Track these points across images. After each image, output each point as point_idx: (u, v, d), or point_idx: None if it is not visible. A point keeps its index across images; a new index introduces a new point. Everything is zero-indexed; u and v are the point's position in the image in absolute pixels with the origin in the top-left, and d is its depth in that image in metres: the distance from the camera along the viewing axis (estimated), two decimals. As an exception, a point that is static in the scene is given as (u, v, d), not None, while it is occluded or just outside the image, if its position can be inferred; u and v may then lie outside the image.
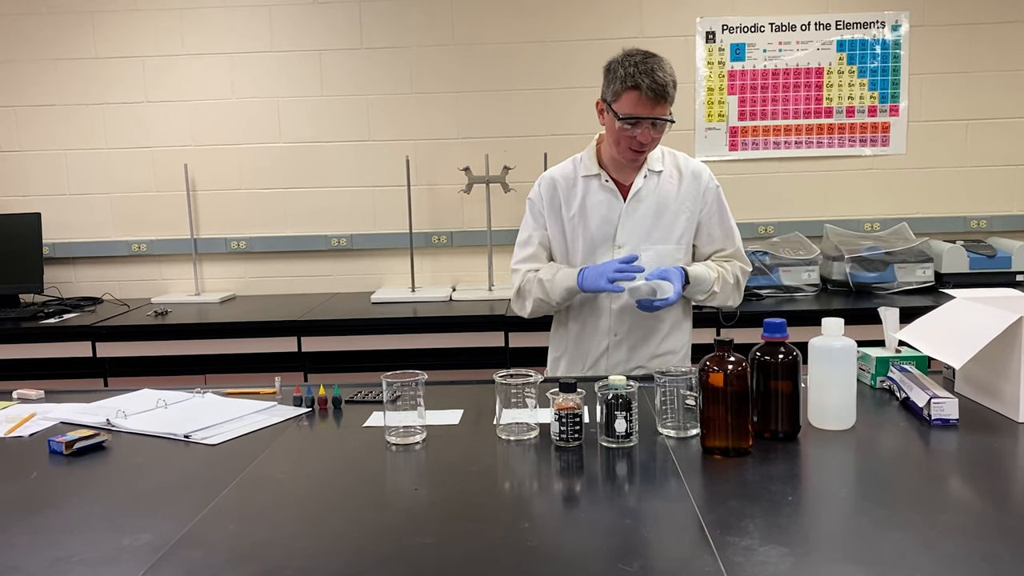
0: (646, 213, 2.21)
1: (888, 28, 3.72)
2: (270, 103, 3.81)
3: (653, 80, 2.01)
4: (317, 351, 3.26)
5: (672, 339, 2.28)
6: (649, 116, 2.05)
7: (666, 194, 2.22)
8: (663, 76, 2.02)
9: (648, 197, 2.21)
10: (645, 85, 2.01)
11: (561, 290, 2.18)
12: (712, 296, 2.21)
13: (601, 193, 2.22)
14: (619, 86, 2.05)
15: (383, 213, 3.86)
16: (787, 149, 3.79)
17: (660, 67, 2.03)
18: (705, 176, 2.26)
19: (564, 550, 1.21)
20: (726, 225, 2.28)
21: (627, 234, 2.21)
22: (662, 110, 2.05)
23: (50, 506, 1.40)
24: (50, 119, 3.83)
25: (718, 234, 2.27)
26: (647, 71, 2.01)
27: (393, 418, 1.68)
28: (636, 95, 2.03)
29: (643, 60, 2.03)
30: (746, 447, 1.53)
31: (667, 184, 2.22)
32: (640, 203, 2.21)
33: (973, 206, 3.82)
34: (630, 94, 2.04)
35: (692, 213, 2.24)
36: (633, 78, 2.02)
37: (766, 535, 1.19)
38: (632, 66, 2.02)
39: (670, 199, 2.22)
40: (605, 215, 2.21)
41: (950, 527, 1.22)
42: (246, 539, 1.25)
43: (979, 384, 1.80)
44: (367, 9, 3.76)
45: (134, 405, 1.95)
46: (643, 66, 2.02)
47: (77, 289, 3.90)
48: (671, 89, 2.04)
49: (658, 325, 2.25)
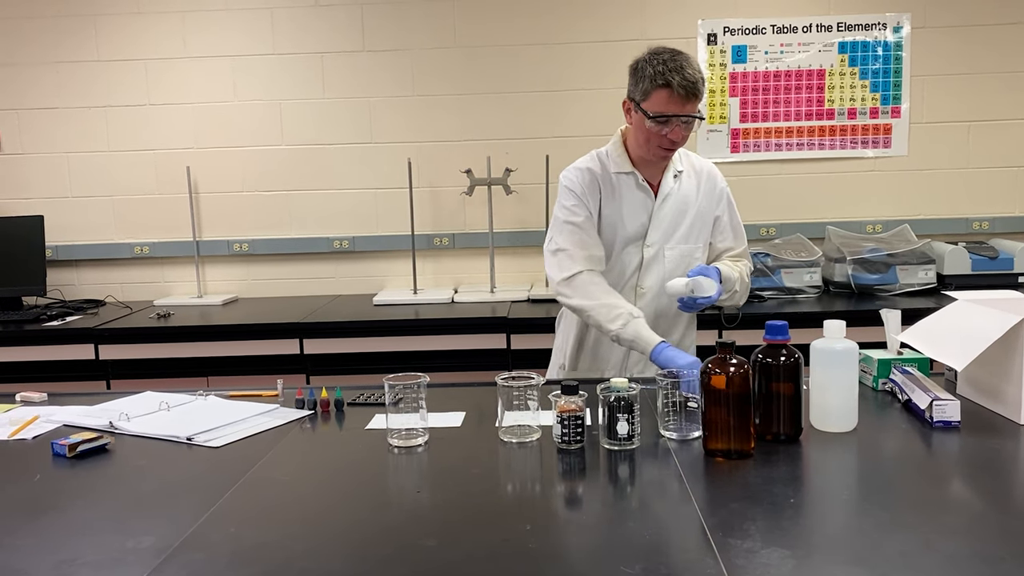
0: (671, 212, 2.21)
1: (890, 30, 3.72)
2: (272, 105, 3.82)
3: (683, 77, 1.99)
4: (319, 353, 3.27)
5: (686, 341, 2.31)
6: (680, 114, 2.03)
7: (687, 194, 2.23)
8: (692, 73, 2.00)
9: (673, 196, 2.22)
10: (676, 82, 1.99)
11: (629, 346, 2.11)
12: (732, 296, 2.22)
13: (637, 191, 2.21)
14: (648, 84, 2.03)
15: (385, 215, 3.87)
16: (789, 151, 3.79)
17: (689, 64, 2.01)
18: (719, 176, 2.29)
19: (566, 552, 1.21)
20: (736, 224, 2.31)
21: (656, 234, 2.21)
22: (692, 107, 2.04)
23: (54, 508, 1.41)
24: (53, 122, 3.84)
25: (730, 234, 2.29)
26: (677, 68, 1.99)
27: (395, 420, 1.68)
28: (667, 93, 2.01)
29: (671, 58, 2.02)
30: (748, 449, 1.53)
31: (687, 184, 2.24)
32: (667, 202, 2.21)
33: (975, 208, 3.81)
34: (660, 92, 2.02)
35: (709, 213, 2.25)
36: (664, 76, 2.00)
37: (768, 537, 1.19)
38: (661, 64, 2.01)
39: (691, 199, 2.23)
40: (637, 213, 2.20)
41: (952, 529, 1.22)
42: (249, 541, 1.25)
43: (981, 386, 1.80)
44: (369, 11, 3.76)
45: (137, 407, 1.95)
46: (672, 63, 2.00)
47: (80, 292, 3.91)
48: (701, 85, 2.03)
49: (674, 329, 2.26)
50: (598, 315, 2.11)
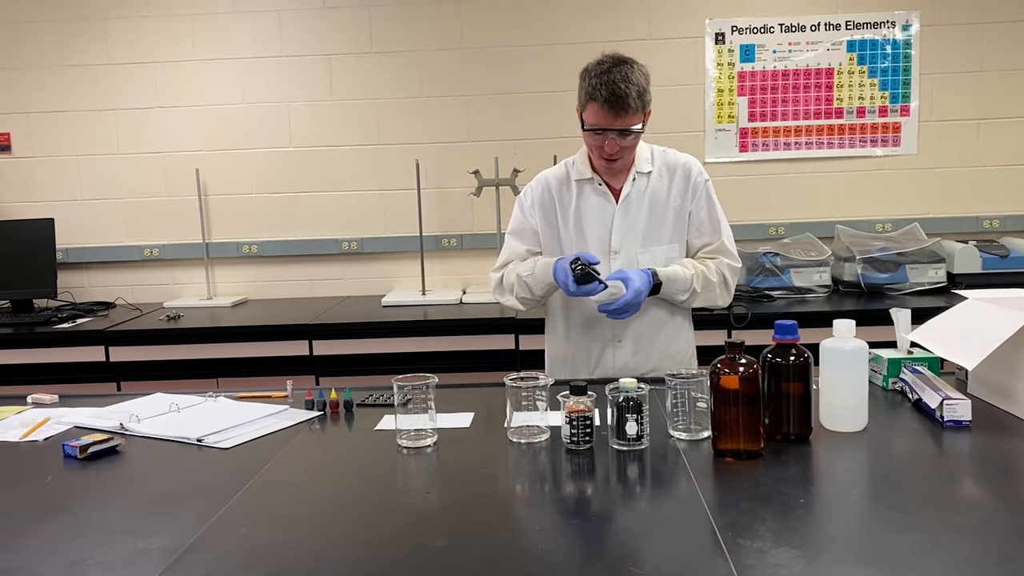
0: (638, 216, 2.19)
1: (898, 28, 3.70)
2: (280, 108, 3.83)
3: (612, 93, 1.97)
4: (328, 355, 3.27)
5: (677, 341, 2.27)
6: (610, 127, 2.03)
7: (656, 194, 2.20)
8: (625, 87, 1.97)
9: (639, 199, 2.19)
10: (602, 97, 1.98)
11: (544, 286, 2.17)
12: (694, 295, 2.16)
13: (594, 197, 2.21)
14: (584, 96, 2.05)
15: (393, 216, 3.87)
16: (798, 150, 3.78)
17: (624, 77, 1.98)
18: (695, 170, 2.22)
19: (575, 553, 1.21)
20: (714, 218, 2.22)
21: (621, 238, 2.19)
22: (625, 121, 2.02)
23: (64, 510, 1.41)
24: (62, 125, 3.86)
25: (706, 227, 2.22)
26: (608, 83, 1.97)
27: (404, 421, 1.69)
28: (596, 107, 2.01)
29: (607, 71, 1.99)
30: (757, 449, 1.53)
31: (657, 184, 2.20)
32: (631, 206, 2.19)
33: (985, 206, 3.80)
34: (592, 105, 2.02)
35: (683, 208, 2.21)
36: (595, 89, 2.00)
37: (778, 537, 1.19)
38: (596, 76, 2.00)
39: (661, 199, 2.20)
40: (599, 219, 2.20)
41: (963, 529, 1.21)
42: (258, 542, 1.26)
43: (992, 385, 1.79)
44: (376, 14, 3.77)
45: (147, 409, 1.96)
46: (606, 77, 1.98)
47: (90, 294, 3.93)
48: (633, 100, 1.99)
49: (660, 328, 2.24)
50: (511, 275, 2.21)
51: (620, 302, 2.02)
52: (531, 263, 2.21)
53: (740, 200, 3.75)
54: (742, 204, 3.76)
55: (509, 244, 2.29)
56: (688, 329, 2.32)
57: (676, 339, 2.27)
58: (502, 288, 2.28)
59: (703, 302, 2.20)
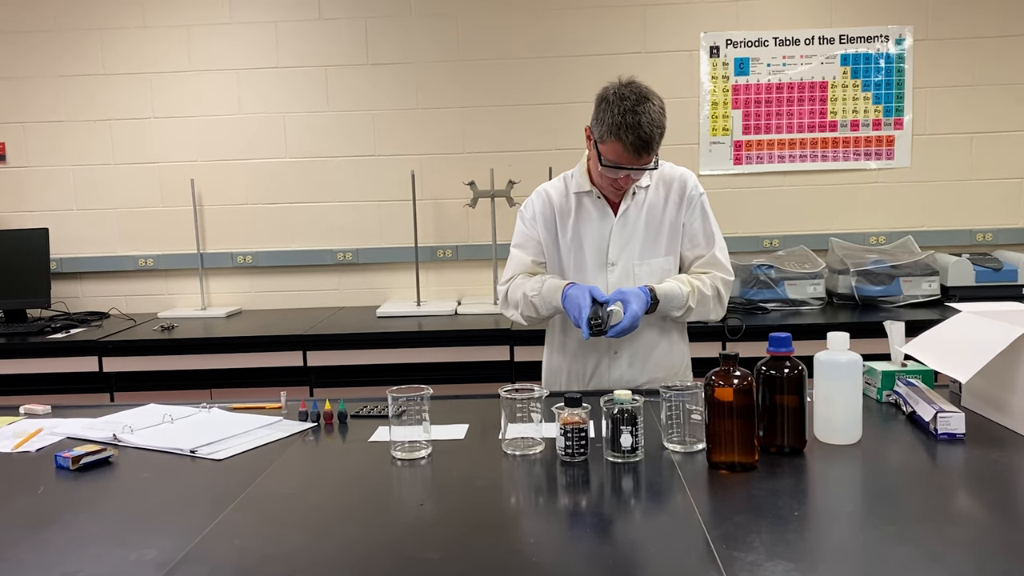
0: (636, 229, 2.20)
1: (892, 42, 3.73)
2: (276, 118, 3.83)
3: (638, 137, 1.96)
4: (323, 365, 3.27)
5: (672, 354, 2.28)
6: (631, 166, 2.04)
7: (653, 207, 2.21)
8: (649, 130, 1.97)
9: (637, 213, 2.20)
10: (628, 141, 1.97)
11: (551, 308, 2.16)
12: (688, 311, 2.16)
13: (593, 210, 2.21)
14: (605, 131, 2.00)
15: (388, 227, 3.87)
16: (792, 163, 3.80)
17: (649, 118, 1.97)
18: (690, 183, 2.23)
19: (569, 566, 1.21)
20: (708, 231, 2.23)
21: (618, 251, 2.20)
22: (645, 160, 2.03)
23: (57, 521, 1.41)
24: (57, 135, 3.85)
25: (700, 240, 2.23)
26: (634, 125, 1.95)
27: (399, 433, 1.68)
28: (620, 147, 2.00)
29: (632, 109, 1.96)
30: (752, 462, 1.53)
31: (654, 197, 2.21)
32: (629, 220, 2.20)
33: (978, 219, 3.81)
34: (615, 144, 2.00)
35: (677, 221, 2.22)
36: (620, 130, 1.97)
37: (772, 550, 1.19)
38: (620, 115, 1.97)
39: (657, 212, 2.21)
40: (597, 232, 2.21)
41: (957, 542, 1.21)
42: (252, 554, 1.25)
43: (986, 398, 1.80)
44: (373, 25, 3.78)
45: (140, 420, 1.95)
46: (631, 118, 1.96)
47: (84, 304, 3.92)
48: (656, 142, 2.00)
49: (655, 341, 2.24)
50: (525, 312, 2.20)
51: (618, 328, 2.02)
52: (538, 282, 2.19)
53: (734, 212, 3.76)
54: (736, 216, 3.77)
55: (514, 256, 2.29)
56: (683, 342, 2.33)
57: (671, 352, 2.27)
58: (507, 303, 2.28)
59: (697, 317, 2.20)
